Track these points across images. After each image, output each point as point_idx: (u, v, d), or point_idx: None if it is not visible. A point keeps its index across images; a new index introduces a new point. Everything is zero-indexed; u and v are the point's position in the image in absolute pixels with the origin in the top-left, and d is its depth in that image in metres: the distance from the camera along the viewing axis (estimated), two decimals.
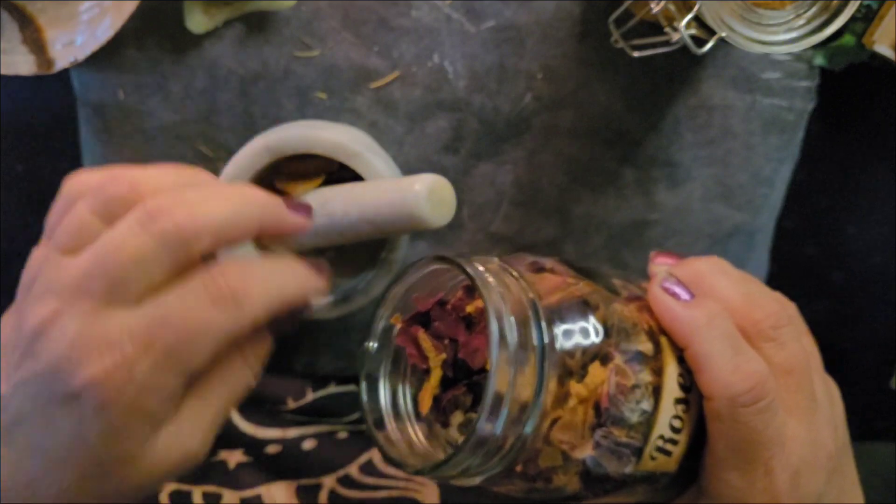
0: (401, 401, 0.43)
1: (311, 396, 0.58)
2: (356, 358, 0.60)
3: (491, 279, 0.39)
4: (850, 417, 0.65)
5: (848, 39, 0.54)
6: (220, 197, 0.40)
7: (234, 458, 0.55)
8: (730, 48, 0.51)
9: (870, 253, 0.63)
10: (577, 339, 0.39)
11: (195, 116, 0.56)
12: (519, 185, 0.58)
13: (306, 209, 0.45)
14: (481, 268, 0.40)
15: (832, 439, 0.43)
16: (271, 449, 0.56)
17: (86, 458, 0.38)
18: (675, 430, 0.41)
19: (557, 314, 0.39)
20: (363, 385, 0.43)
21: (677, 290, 0.42)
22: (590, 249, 0.59)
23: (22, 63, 0.53)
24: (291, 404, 0.58)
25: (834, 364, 0.64)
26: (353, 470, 0.56)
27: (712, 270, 0.43)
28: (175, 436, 0.39)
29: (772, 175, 0.59)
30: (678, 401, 0.41)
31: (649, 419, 0.40)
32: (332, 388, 0.59)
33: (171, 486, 0.53)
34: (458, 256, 0.41)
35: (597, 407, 0.39)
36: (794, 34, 0.46)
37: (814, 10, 0.46)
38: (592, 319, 0.40)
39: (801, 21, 0.46)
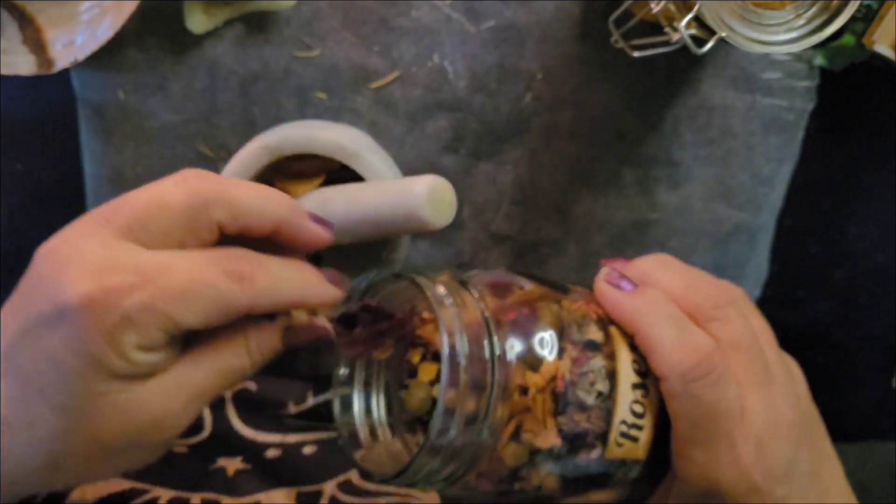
0: (374, 412, 0.45)
1: (311, 401, 0.58)
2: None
3: (446, 297, 0.40)
4: (851, 417, 0.65)
5: (848, 39, 0.54)
6: (247, 185, 0.41)
7: (232, 465, 0.55)
8: (730, 48, 0.51)
9: (871, 252, 0.63)
10: (533, 346, 0.41)
11: (195, 116, 0.56)
12: (519, 184, 0.58)
13: (328, 223, 0.45)
14: (439, 287, 0.41)
15: (792, 409, 0.43)
16: (271, 453, 0.56)
17: (63, 386, 0.37)
18: (636, 414, 0.42)
19: (512, 325, 0.41)
20: (336, 403, 0.44)
21: (619, 282, 0.44)
22: (592, 249, 0.59)
23: (22, 63, 0.53)
24: (293, 408, 0.58)
25: (836, 363, 0.65)
26: (353, 476, 0.56)
27: (654, 265, 0.45)
28: (158, 391, 0.38)
29: (772, 175, 0.59)
30: (635, 386, 0.42)
31: (608, 404, 0.41)
32: None
33: (169, 493, 0.53)
34: (419, 274, 0.42)
35: (554, 394, 0.41)
36: (794, 34, 0.46)
37: (814, 10, 0.45)
38: (544, 324, 0.42)
39: (801, 21, 0.46)
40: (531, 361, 0.41)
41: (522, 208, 0.58)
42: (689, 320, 0.43)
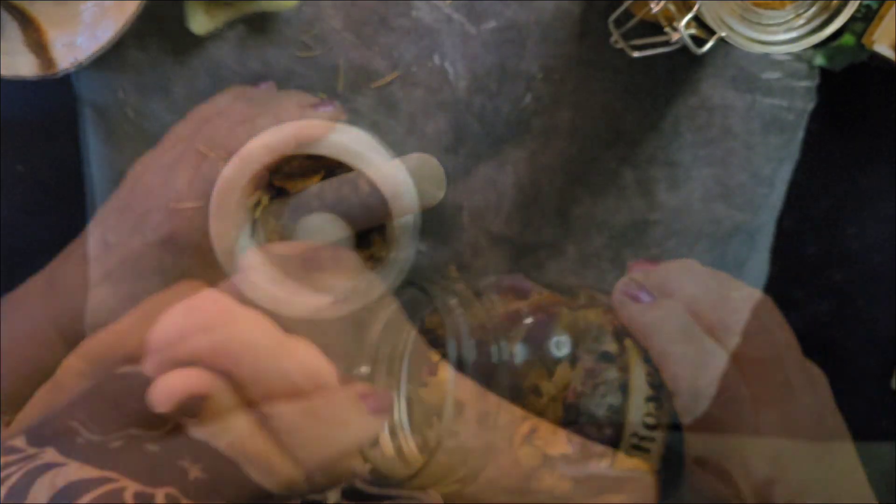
0: (396, 413, 0.46)
1: None
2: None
3: (456, 305, 0.42)
4: (851, 417, 0.65)
5: (848, 39, 0.54)
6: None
7: None
8: (730, 48, 0.51)
9: (870, 253, 0.63)
10: (548, 350, 0.42)
11: None
12: (519, 185, 0.58)
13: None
14: (450, 296, 0.43)
15: (812, 424, 0.44)
16: None
17: None
18: (648, 426, 0.42)
19: (526, 331, 0.42)
20: None
21: (638, 293, 0.44)
22: (591, 250, 0.60)
23: (23, 64, 0.53)
24: None
25: (834, 364, 0.64)
26: (357, 480, 0.56)
27: (679, 271, 0.45)
28: None
29: (772, 175, 0.59)
30: (648, 399, 0.42)
31: (619, 417, 0.42)
32: None
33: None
34: (432, 283, 0.44)
35: (565, 405, 0.42)
36: (794, 34, 0.46)
37: (814, 10, 0.46)
38: (560, 331, 0.43)
39: (801, 21, 0.46)
40: (546, 365, 0.42)
41: (522, 210, 0.59)
42: (706, 335, 0.43)
